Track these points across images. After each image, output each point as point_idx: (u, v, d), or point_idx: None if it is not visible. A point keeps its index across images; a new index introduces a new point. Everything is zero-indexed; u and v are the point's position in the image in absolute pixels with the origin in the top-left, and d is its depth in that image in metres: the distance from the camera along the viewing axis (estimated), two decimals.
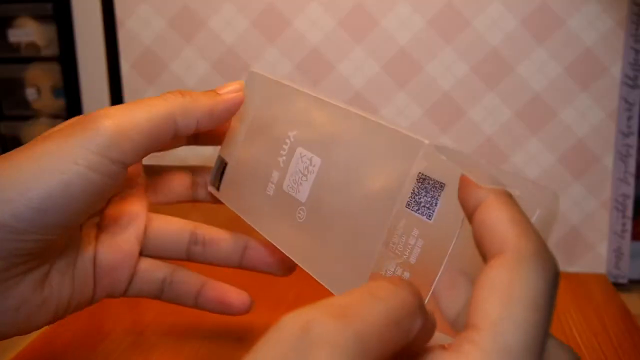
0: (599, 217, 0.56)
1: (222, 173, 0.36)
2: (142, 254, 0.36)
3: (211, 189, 0.37)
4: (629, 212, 0.56)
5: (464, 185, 0.23)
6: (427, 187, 0.25)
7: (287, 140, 0.32)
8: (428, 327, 0.20)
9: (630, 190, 0.56)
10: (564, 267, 0.57)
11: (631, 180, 0.56)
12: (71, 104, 0.62)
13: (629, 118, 0.55)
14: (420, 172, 0.25)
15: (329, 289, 0.27)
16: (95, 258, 0.34)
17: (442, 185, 0.25)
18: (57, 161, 0.27)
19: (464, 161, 0.24)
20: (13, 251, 0.28)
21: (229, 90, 0.33)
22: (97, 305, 0.36)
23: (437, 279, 0.25)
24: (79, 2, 0.60)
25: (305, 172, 0.30)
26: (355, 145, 0.28)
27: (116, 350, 0.43)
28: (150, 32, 0.59)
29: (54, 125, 0.31)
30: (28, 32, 0.63)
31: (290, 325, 0.18)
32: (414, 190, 0.25)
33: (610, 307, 0.51)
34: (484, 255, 0.21)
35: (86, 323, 0.47)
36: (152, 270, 0.36)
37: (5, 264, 0.28)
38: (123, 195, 0.36)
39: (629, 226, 0.56)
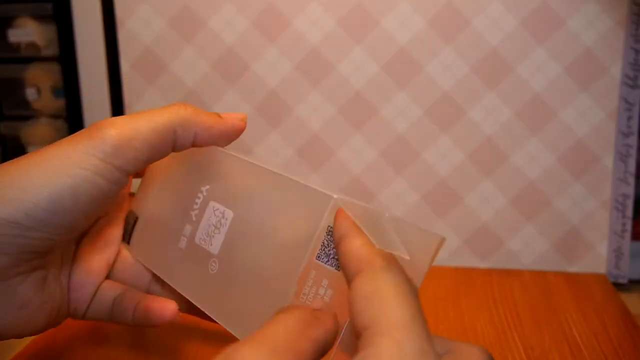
0: (599, 217, 0.56)
1: (133, 227, 0.37)
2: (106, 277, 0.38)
3: (122, 243, 0.37)
4: (629, 212, 0.56)
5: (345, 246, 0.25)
6: None
7: (200, 195, 0.33)
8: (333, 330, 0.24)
9: (630, 190, 0.56)
10: (564, 267, 0.57)
11: (631, 180, 0.56)
12: (71, 104, 0.62)
13: (629, 118, 0.55)
14: (329, 225, 0.26)
15: (240, 339, 0.27)
16: (70, 273, 0.35)
17: None
18: (65, 166, 0.29)
19: (366, 216, 0.26)
20: (21, 248, 0.29)
21: (233, 117, 0.34)
22: None
23: (345, 327, 0.26)
24: (79, 2, 0.60)
25: (218, 225, 0.31)
26: (267, 200, 0.30)
27: (116, 350, 0.43)
28: (150, 32, 0.59)
29: (54, 125, 0.32)
30: (28, 32, 0.63)
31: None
32: (323, 243, 0.26)
33: (610, 307, 0.51)
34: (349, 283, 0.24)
35: (86, 323, 0.47)
36: (107, 289, 0.37)
37: (13, 260, 0.29)
38: (108, 218, 0.37)
39: (629, 226, 0.56)
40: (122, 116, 0.31)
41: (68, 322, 0.36)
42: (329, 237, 0.26)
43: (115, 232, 0.37)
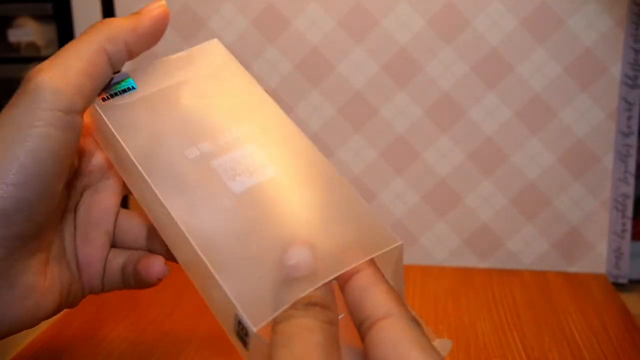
0: (598, 217, 0.56)
1: (122, 92, 0.33)
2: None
3: (95, 101, 0.32)
4: (629, 212, 0.56)
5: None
6: None
7: (242, 129, 0.31)
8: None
9: (630, 190, 0.56)
10: (564, 267, 0.57)
11: (631, 180, 0.56)
12: None
13: (629, 118, 0.55)
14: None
15: (220, 281, 0.26)
16: (76, 251, 0.35)
17: None
18: (16, 132, 0.28)
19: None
20: (10, 236, 0.28)
21: (151, 7, 0.33)
22: (97, 305, 0.36)
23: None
24: (79, 2, 0.60)
25: (252, 170, 0.29)
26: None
27: (116, 350, 0.43)
28: None
29: None
30: (28, 32, 0.63)
31: None
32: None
33: (610, 307, 0.51)
34: (363, 320, 0.25)
35: (86, 323, 0.47)
36: (113, 260, 0.36)
37: (5, 251, 0.28)
38: (97, 188, 0.35)
39: (629, 226, 0.56)
40: (48, 58, 0.30)
41: (68, 321, 0.36)
42: None
43: (108, 201, 0.35)
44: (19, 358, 0.43)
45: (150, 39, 0.32)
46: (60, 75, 0.29)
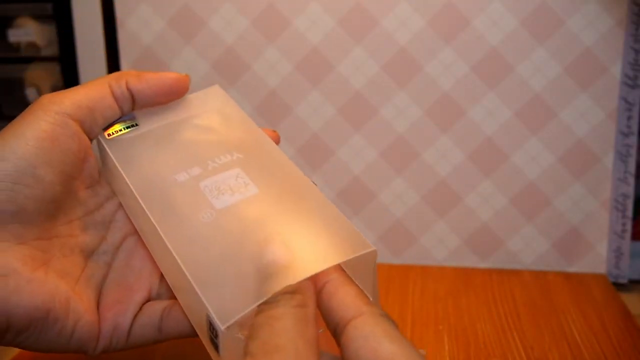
0: (598, 217, 0.56)
1: (126, 129, 0.36)
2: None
3: (101, 134, 0.35)
4: (629, 212, 0.56)
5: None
6: None
7: (230, 156, 0.34)
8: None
9: (630, 190, 0.56)
10: (564, 267, 0.57)
11: (631, 180, 0.56)
12: None
13: (629, 118, 0.55)
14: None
15: (194, 284, 0.27)
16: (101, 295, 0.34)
17: None
18: (9, 125, 0.32)
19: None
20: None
21: (170, 72, 0.36)
22: None
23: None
24: (79, 2, 0.60)
25: (235, 189, 0.32)
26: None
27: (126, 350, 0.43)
28: (150, 32, 0.59)
29: None
30: (28, 32, 0.63)
31: None
32: None
33: (610, 307, 0.51)
34: (336, 324, 0.26)
35: None
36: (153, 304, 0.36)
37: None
38: (119, 274, 0.35)
39: (629, 226, 0.56)
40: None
41: None
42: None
43: (136, 284, 0.35)
44: (19, 358, 0.43)
45: (156, 93, 0.35)
46: (59, 93, 0.33)
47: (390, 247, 0.59)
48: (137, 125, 0.36)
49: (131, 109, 0.36)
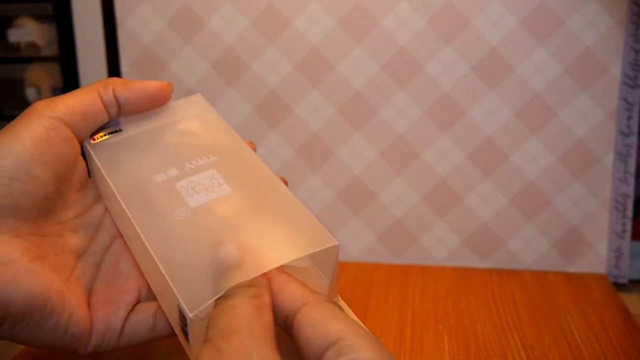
0: (598, 217, 0.56)
1: (110, 134, 0.38)
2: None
3: (87, 140, 0.37)
4: (629, 212, 0.56)
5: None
6: None
7: (205, 159, 0.36)
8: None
9: (630, 190, 0.56)
10: (564, 267, 0.57)
11: (631, 180, 0.56)
12: None
13: (629, 118, 0.55)
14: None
15: (168, 279, 0.29)
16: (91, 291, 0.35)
17: None
18: (29, 123, 0.33)
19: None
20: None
21: (155, 81, 0.37)
22: None
23: None
24: (79, 2, 0.60)
25: (209, 189, 0.34)
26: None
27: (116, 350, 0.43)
28: (150, 32, 0.59)
29: None
30: (28, 32, 0.63)
31: None
32: None
33: (610, 307, 0.51)
34: (285, 318, 0.27)
35: None
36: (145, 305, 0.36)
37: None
38: (110, 274, 0.36)
39: (629, 226, 0.56)
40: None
41: None
42: None
43: (125, 285, 0.36)
44: (19, 358, 0.43)
45: (140, 100, 0.37)
46: (53, 99, 0.34)
47: (390, 247, 0.59)
48: (121, 130, 0.38)
49: (117, 115, 0.37)
